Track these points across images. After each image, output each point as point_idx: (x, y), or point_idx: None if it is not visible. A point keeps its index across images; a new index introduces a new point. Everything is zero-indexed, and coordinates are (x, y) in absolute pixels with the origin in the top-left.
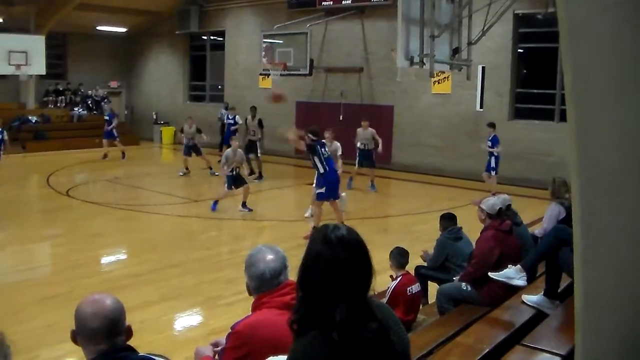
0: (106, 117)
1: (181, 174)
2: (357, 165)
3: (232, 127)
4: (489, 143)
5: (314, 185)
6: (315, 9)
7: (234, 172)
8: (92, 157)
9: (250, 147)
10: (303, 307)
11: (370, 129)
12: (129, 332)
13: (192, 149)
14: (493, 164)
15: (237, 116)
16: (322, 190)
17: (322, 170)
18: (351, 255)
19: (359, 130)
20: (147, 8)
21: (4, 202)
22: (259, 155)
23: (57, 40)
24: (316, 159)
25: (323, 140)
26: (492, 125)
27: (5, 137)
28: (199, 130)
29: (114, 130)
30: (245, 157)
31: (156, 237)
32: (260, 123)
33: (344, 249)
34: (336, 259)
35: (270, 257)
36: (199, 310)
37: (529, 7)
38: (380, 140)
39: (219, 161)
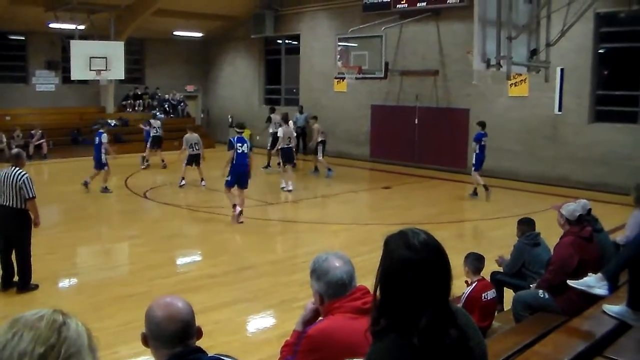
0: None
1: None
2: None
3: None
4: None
5: None
6: (390, 12)
7: None
8: (169, 160)
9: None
10: (385, 312)
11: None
12: (199, 333)
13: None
14: (473, 160)
15: None
16: (229, 178)
17: (233, 162)
18: (435, 260)
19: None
20: (223, 13)
21: (86, 203)
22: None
23: (135, 45)
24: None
25: (241, 136)
26: (481, 123)
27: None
28: None
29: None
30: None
31: (231, 239)
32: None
33: (429, 254)
34: (423, 264)
35: (340, 262)
36: (273, 312)
37: (611, 6)
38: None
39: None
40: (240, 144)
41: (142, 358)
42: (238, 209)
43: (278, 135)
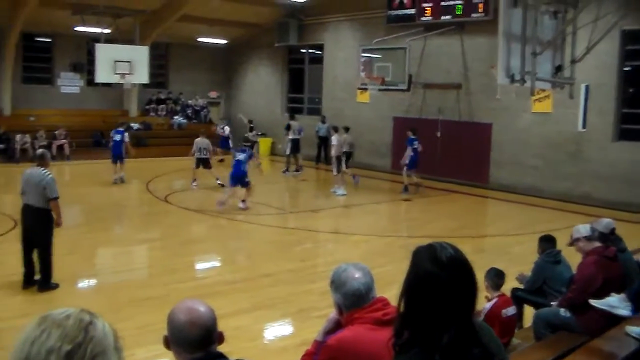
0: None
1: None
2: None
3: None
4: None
5: None
6: (414, 24)
7: None
8: (190, 165)
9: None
10: (408, 326)
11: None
12: (220, 338)
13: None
14: (407, 161)
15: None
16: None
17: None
18: (461, 276)
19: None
20: (247, 20)
21: (107, 205)
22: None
23: (159, 50)
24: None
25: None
26: (412, 130)
27: None
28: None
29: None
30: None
31: (250, 246)
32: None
33: (455, 270)
34: (448, 280)
35: (359, 274)
36: (291, 320)
37: (637, 23)
38: None
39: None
40: (237, 153)
41: None
42: (228, 201)
43: (332, 143)
